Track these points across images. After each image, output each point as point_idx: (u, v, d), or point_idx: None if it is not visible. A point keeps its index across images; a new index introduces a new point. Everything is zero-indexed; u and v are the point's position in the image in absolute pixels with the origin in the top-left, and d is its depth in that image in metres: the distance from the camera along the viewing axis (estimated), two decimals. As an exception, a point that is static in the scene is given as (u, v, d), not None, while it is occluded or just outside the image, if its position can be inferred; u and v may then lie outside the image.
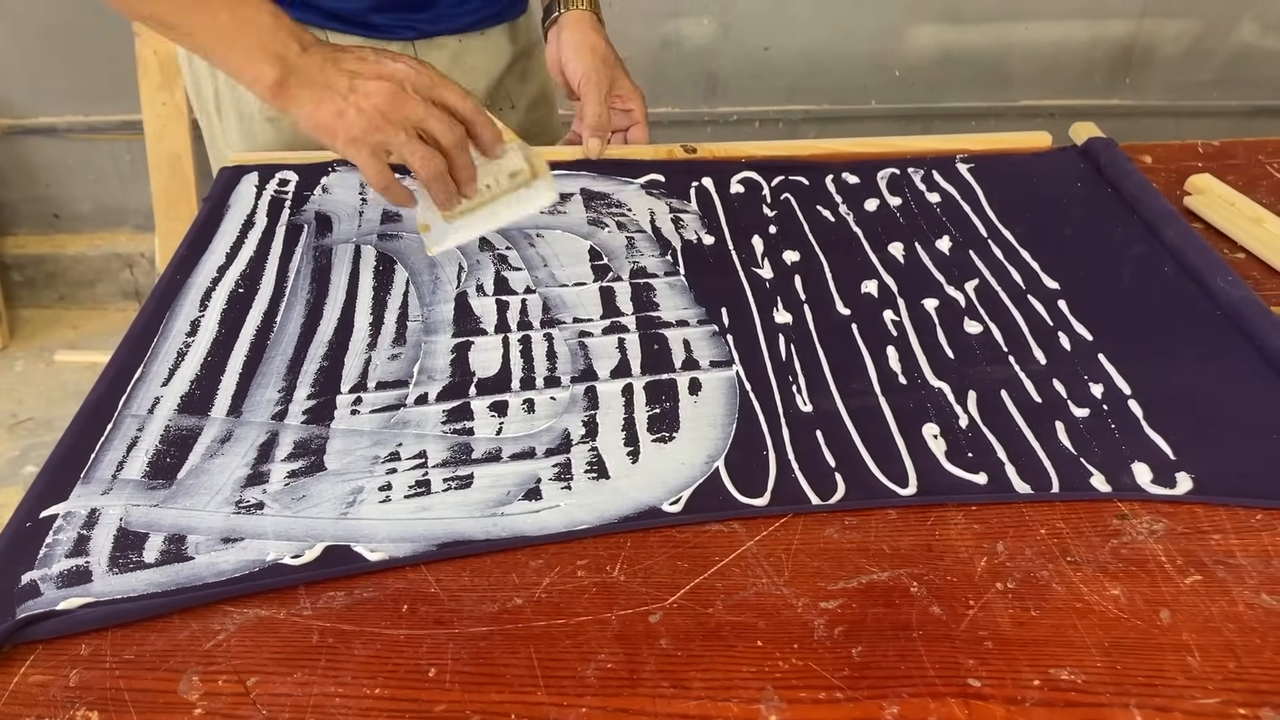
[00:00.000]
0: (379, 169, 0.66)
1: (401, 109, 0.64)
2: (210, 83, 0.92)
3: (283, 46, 0.66)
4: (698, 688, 0.45)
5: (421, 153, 0.65)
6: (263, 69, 0.65)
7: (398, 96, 0.64)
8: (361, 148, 0.65)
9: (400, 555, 0.52)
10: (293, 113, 0.66)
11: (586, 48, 0.89)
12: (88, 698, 0.45)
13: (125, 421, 0.61)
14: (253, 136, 0.93)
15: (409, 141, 0.64)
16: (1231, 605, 0.49)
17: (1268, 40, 1.93)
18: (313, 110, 0.65)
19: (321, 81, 0.65)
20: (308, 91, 0.65)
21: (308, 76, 0.65)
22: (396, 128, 0.64)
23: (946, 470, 0.56)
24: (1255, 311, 0.66)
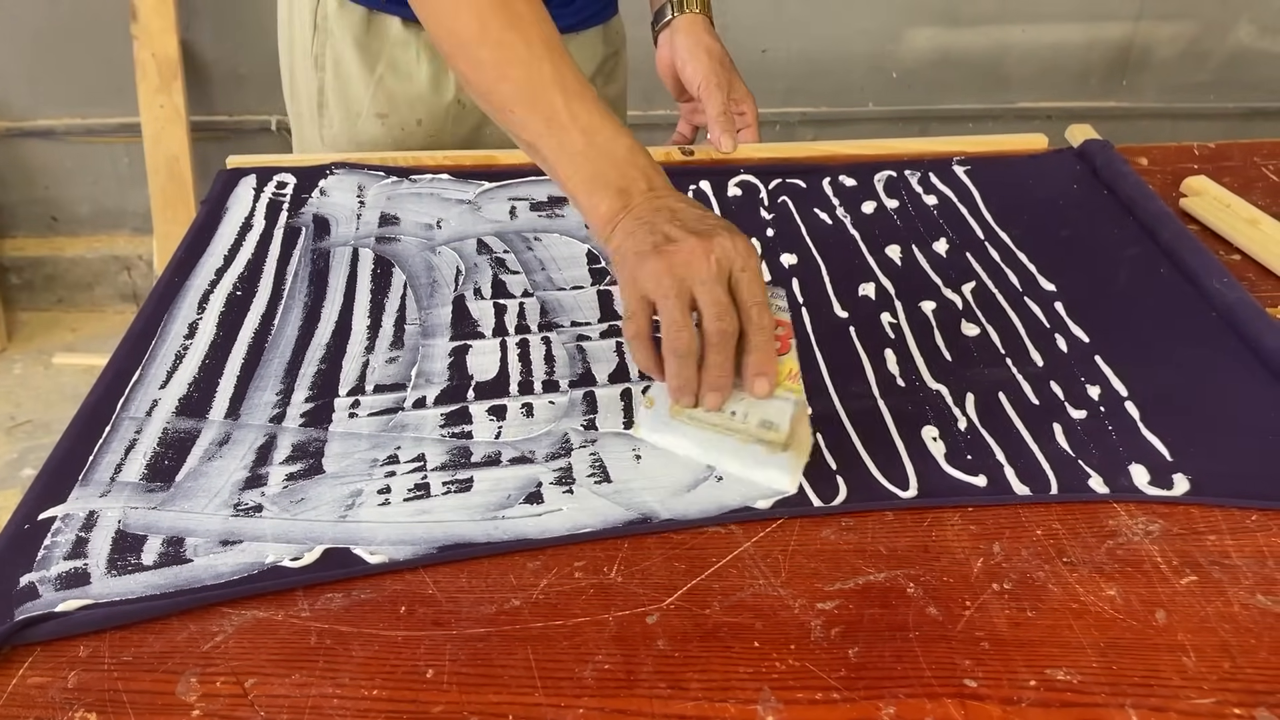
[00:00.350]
0: (637, 314, 0.57)
1: (693, 268, 0.55)
2: (313, 80, 0.93)
3: (629, 182, 0.61)
4: (695, 688, 0.45)
5: (677, 317, 0.55)
6: (601, 200, 0.61)
7: (697, 255, 0.55)
8: (634, 290, 0.57)
9: (400, 558, 0.52)
10: (608, 245, 0.61)
11: (703, 50, 0.90)
12: (86, 699, 0.45)
13: (123, 424, 0.61)
14: (357, 134, 0.93)
15: (674, 300, 0.55)
16: (1227, 606, 0.49)
17: (1264, 42, 1.93)
18: (623, 240, 0.59)
19: (648, 220, 0.59)
20: (629, 224, 0.59)
21: (639, 214, 0.59)
22: (673, 282, 0.55)
23: (946, 472, 0.56)
24: (1251, 313, 0.67)
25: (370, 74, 0.91)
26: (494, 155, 0.91)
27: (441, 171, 0.88)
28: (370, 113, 0.92)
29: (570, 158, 0.62)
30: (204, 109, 2.00)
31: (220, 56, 1.95)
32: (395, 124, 0.93)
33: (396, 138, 0.94)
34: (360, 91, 0.92)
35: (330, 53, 0.91)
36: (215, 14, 1.91)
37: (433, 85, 0.91)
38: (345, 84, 0.92)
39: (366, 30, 0.90)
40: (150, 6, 1.86)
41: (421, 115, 0.93)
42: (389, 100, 0.92)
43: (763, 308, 0.56)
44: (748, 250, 0.57)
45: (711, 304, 0.55)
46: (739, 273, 0.56)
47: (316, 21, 0.91)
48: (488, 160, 0.91)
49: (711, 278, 0.55)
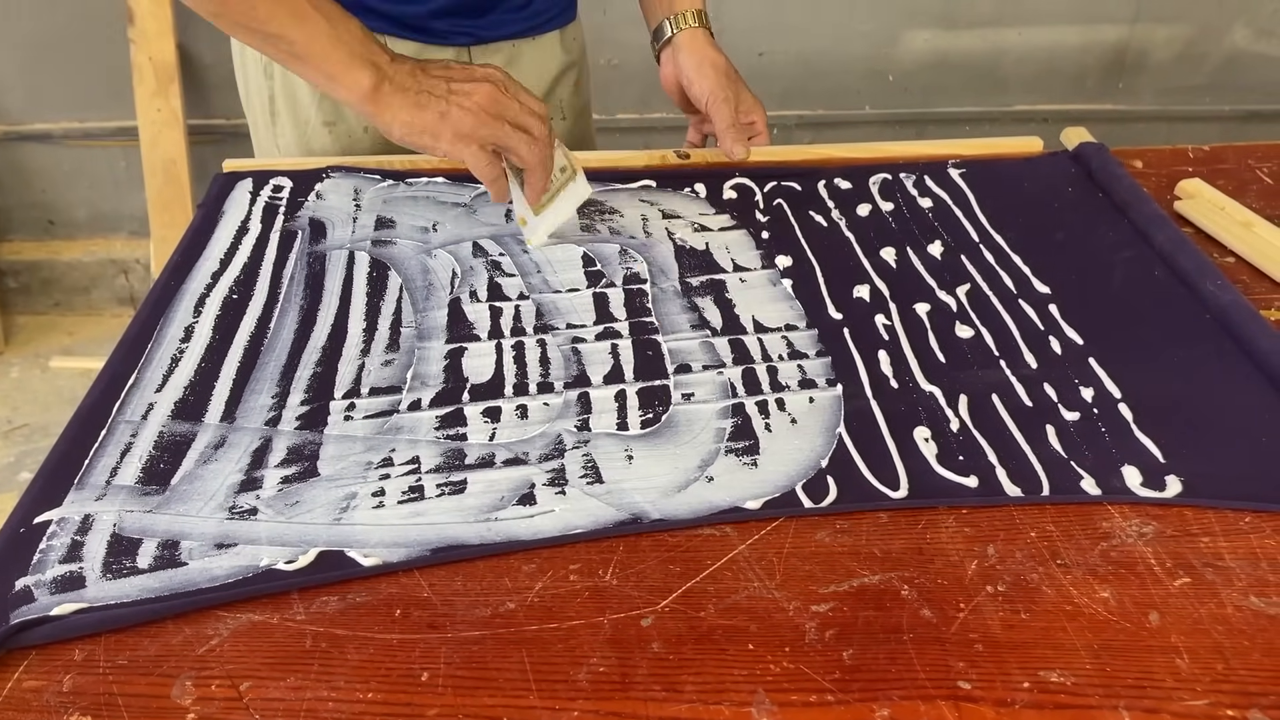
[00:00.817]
0: (489, 161, 0.72)
1: (502, 106, 0.70)
2: (265, 89, 0.93)
3: (375, 55, 0.70)
4: (689, 691, 0.45)
5: (528, 142, 0.71)
6: (359, 75, 0.69)
7: (497, 96, 0.70)
8: (470, 143, 0.70)
9: (394, 560, 0.52)
10: (386, 118, 0.70)
11: (708, 65, 0.91)
12: (81, 703, 0.46)
13: (119, 427, 0.61)
14: (308, 142, 0.94)
15: (515, 133, 0.71)
16: (1220, 607, 0.49)
17: (1259, 45, 1.94)
18: (412, 114, 0.70)
19: (416, 87, 0.70)
20: (403, 97, 0.70)
21: (400, 83, 0.70)
22: (501, 122, 0.70)
23: (937, 473, 0.57)
24: (1244, 315, 0.67)
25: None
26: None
27: (437, 175, 0.88)
28: (318, 121, 0.93)
29: (323, 41, 0.70)
30: (201, 112, 2.00)
31: (217, 60, 1.95)
32: (343, 132, 0.93)
33: (344, 145, 0.94)
34: (306, 100, 0.92)
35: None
36: (212, 17, 1.91)
37: None
38: (293, 93, 0.92)
39: None
40: (147, 10, 1.86)
41: (368, 123, 0.92)
42: (335, 108, 0.92)
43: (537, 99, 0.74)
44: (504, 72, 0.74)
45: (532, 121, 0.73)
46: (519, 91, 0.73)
47: None
48: (484, 163, 0.91)
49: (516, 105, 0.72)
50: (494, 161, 0.73)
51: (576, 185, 0.79)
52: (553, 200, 0.78)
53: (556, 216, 0.79)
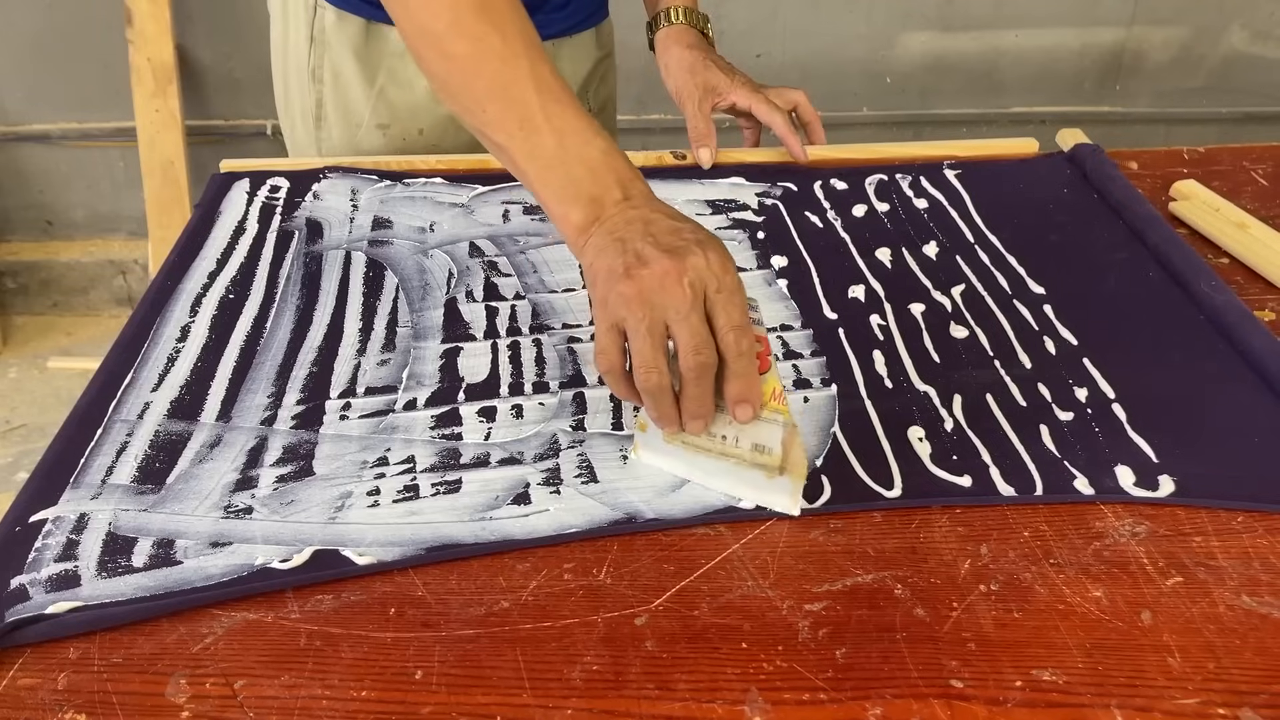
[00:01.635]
0: (609, 346, 0.54)
1: (662, 294, 0.52)
2: (311, 93, 0.93)
3: (603, 190, 0.57)
4: (683, 689, 0.46)
5: (647, 355, 0.52)
6: (571, 209, 0.57)
7: (667, 281, 0.52)
8: (604, 317, 0.54)
9: (389, 559, 0.52)
10: (581, 259, 0.57)
11: (674, 64, 0.92)
12: (76, 700, 0.46)
13: (115, 427, 0.61)
14: (358, 144, 0.94)
15: (645, 334, 0.52)
16: (1212, 607, 0.49)
17: (1256, 47, 1.94)
18: (594, 257, 0.55)
19: (619, 235, 0.55)
20: (602, 240, 0.55)
21: (611, 227, 0.56)
22: (645, 312, 0.52)
23: (931, 473, 0.57)
24: (1238, 316, 0.67)
25: (370, 85, 0.91)
26: (487, 159, 0.91)
27: (435, 175, 0.89)
28: (371, 124, 0.93)
29: (542, 162, 0.58)
30: (199, 113, 2.00)
31: (215, 61, 1.95)
32: (397, 134, 0.93)
33: (398, 148, 0.94)
34: (360, 103, 0.92)
35: (329, 65, 0.91)
36: (210, 19, 1.91)
37: (432, 94, 0.92)
38: (345, 96, 0.92)
39: (366, 42, 0.90)
40: (145, 11, 1.86)
41: (424, 125, 0.93)
42: (390, 111, 0.92)
43: (741, 332, 0.52)
44: (723, 266, 0.53)
45: (688, 337, 0.52)
46: (714, 294, 0.52)
47: (313, 35, 0.91)
48: (481, 164, 0.91)
49: (686, 306, 0.52)
50: (610, 347, 0.54)
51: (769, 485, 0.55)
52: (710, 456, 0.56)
53: (702, 476, 0.57)
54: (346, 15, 0.89)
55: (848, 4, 1.90)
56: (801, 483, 0.54)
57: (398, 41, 0.90)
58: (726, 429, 0.55)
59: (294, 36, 0.93)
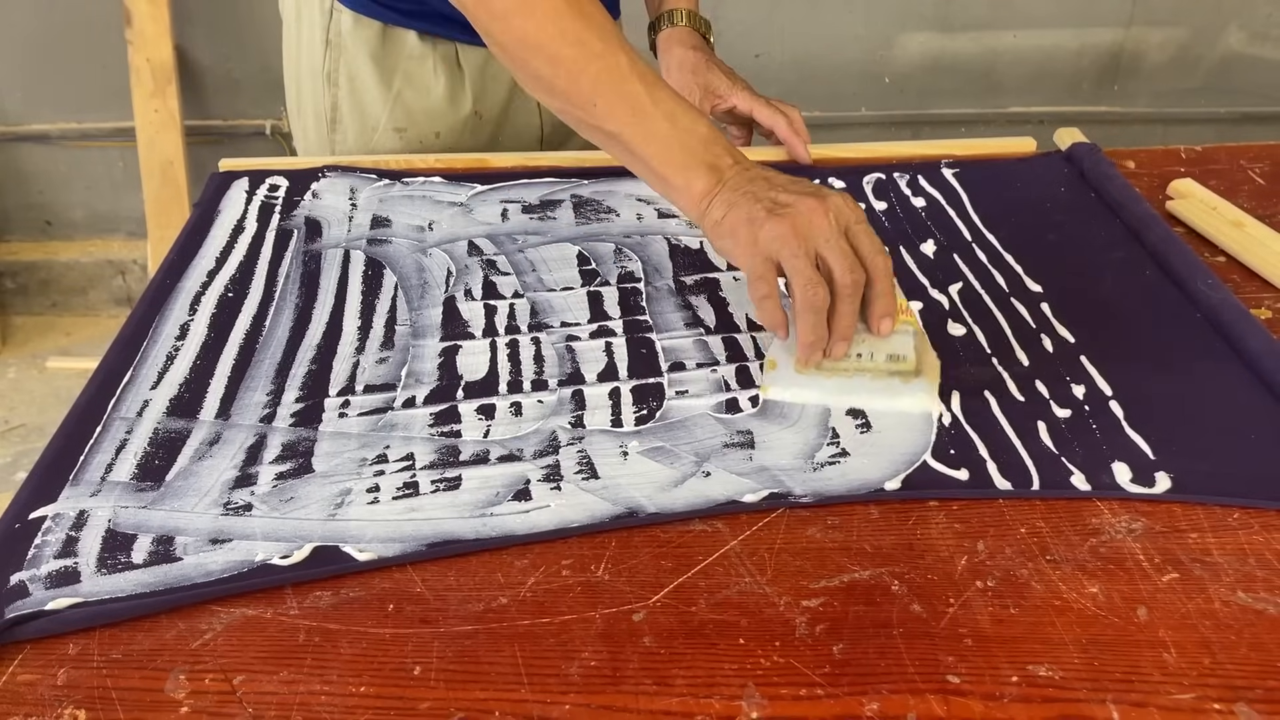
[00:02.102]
0: (764, 276, 0.60)
1: (814, 227, 0.59)
2: (326, 97, 0.93)
3: (717, 158, 0.64)
4: (680, 685, 0.46)
5: (808, 274, 0.59)
6: (693, 179, 0.63)
7: (815, 216, 0.59)
8: (757, 252, 0.60)
9: (389, 555, 0.52)
10: (707, 219, 0.63)
11: (675, 64, 0.94)
12: (75, 696, 0.46)
13: (114, 424, 0.61)
14: (373, 147, 0.94)
15: (803, 259, 0.59)
16: (1208, 603, 0.49)
17: (1253, 48, 1.95)
18: (724, 213, 0.61)
19: (745, 190, 0.62)
20: (728, 195, 0.62)
21: (734, 185, 0.62)
22: (800, 242, 0.59)
23: (929, 466, 0.57)
24: (1235, 314, 0.67)
25: (387, 89, 0.91)
26: (486, 158, 0.92)
27: (433, 174, 0.89)
28: (387, 127, 0.93)
29: (660, 142, 0.64)
30: (198, 113, 2.00)
31: (214, 61, 1.96)
32: (414, 137, 0.94)
33: (414, 150, 0.94)
34: (377, 106, 0.92)
35: (345, 69, 0.92)
36: (209, 19, 1.91)
37: (449, 98, 0.92)
38: (361, 99, 0.92)
39: (382, 45, 0.91)
40: (144, 12, 1.86)
41: (440, 128, 0.94)
42: (407, 114, 0.92)
43: (884, 255, 0.60)
44: (855, 205, 0.61)
45: (841, 257, 0.59)
46: (854, 225, 0.60)
47: (329, 38, 0.91)
48: (480, 163, 0.91)
49: (835, 234, 0.59)
50: (767, 274, 0.60)
51: (906, 389, 0.60)
52: (847, 376, 0.61)
53: (838, 397, 0.61)
54: (363, 19, 0.90)
55: (846, 4, 1.90)
56: (937, 381, 0.61)
57: (415, 45, 0.90)
58: (861, 347, 0.61)
59: (308, 39, 0.93)
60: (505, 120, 0.97)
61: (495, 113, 0.95)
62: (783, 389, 0.62)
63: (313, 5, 0.91)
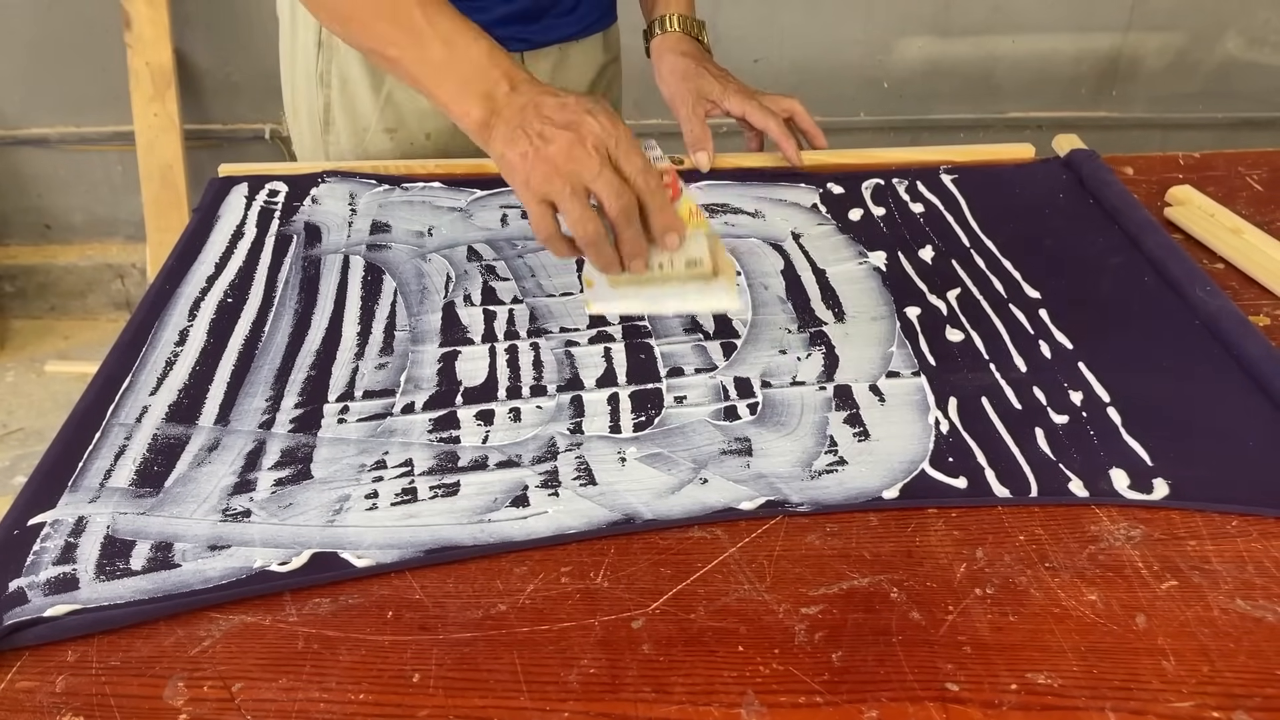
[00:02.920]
0: (541, 218, 0.62)
1: (573, 163, 0.60)
2: (319, 98, 0.94)
3: (493, 85, 0.64)
4: (679, 692, 0.46)
5: (579, 213, 0.60)
6: (470, 106, 0.64)
7: (574, 149, 0.60)
8: (531, 195, 0.62)
9: (387, 561, 0.52)
10: (492, 151, 0.65)
11: (668, 70, 0.94)
12: (74, 703, 0.46)
13: (113, 430, 0.61)
14: (365, 149, 0.95)
15: (570, 198, 0.60)
16: (1206, 610, 0.49)
17: (1251, 53, 1.95)
18: (504, 149, 0.63)
19: (518, 122, 0.63)
20: (504, 130, 0.63)
21: (508, 117, 0.63)
22: (564, 181, 0.60)
23: (927, 474, 0.57)
24: (1233, 321, 0.67)
25: (378, 90, 0.92)
26: (485, 163, 0.92)
27: (433, 180, 0.89)
28: (378, 128, 0.93)
29: (435, 68, 0.65)
30: (197, 117, 2.00)
31: (214, 65, 1.96)
32: (404, 139, 0.94)
33: (405, 151, 0.94)
34: (368, 108, 0.92)
35: (336, 70, 0.92)
36: (209, 23, 1.91)
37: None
38: (352, 101, 0.93)
39: None
40: (144, 16, 1.86)
41: (430, 129, 0.94)
42: (397, 115, 0.93)
43: (647, 173, 0.61)
44: (614, 122, 0.62)
45: (605, 188, 0.60)
46: (614, 150, 0.61)
47: (321, 39, 0.91)
48: (479, 169, 0.91)
49: (596, 165, 0.60)
50: (545, 215, 0.62)
51: (708, 289, 0.63)
52: (653, 285, 0.64)
53: (649, 305, 0.65)
54: None
55: (845, 9, 1.90)
56: (734, 278, 0.64)
57: None
58: (660, 257, 0.63)
59: (302, 41, 0.93)
60: None
61: None
62: (603, 303, 0.65)
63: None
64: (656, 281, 0.63)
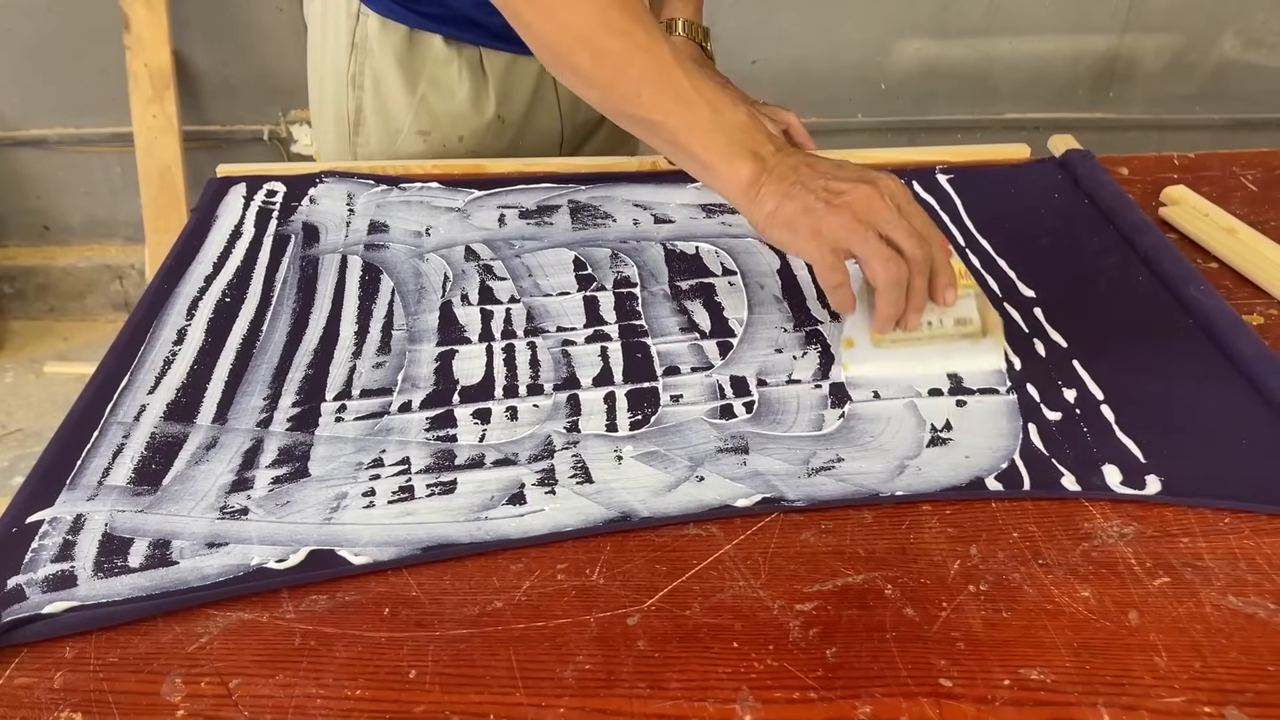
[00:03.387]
0: (834, 266, 0.63)
1: (872, 212, 0.62)
2: (351, 100, 0.94)
3: (759, 145, 0.65)
4: (674, 688, 0.46)
5: (886, 254, 0.61)
6: (739, 165, 0.65)
7: (872, 200, 0.62)
8: (824, 243, 0.62)
9: (384, 559, 0.52)
10: (755, 210, 0.65)
11: None
12: (72, 699, 0.46)
13: (111, 429, 0.62)
14: (397, 150, 0.95)
15: (875, 242, 0.61)
16: (1199, 607, 0.49)
17: (1248, 55, 1.95)
18: (778, 203, 0.63)
19: (793, 179, 0.64)
20: (777, 187, 0.64)
21: (780, 174, 0.64)
22: (865, 228, 0.61)
23: (922, 471, 0.57)
24: (1226, 320, 0.67)
25: (412, 92, 0.92)
26: (483, 164, 0.92)
27: (431, 180, 0.89)
28: (411, 130, 0.94)
29: (703, 131, 0.65)
30: (196, 119, 2.01)
31: (212, 67, 1.96)
32: (437, 141, 0.95)
33: (438, 153, 0.95)
34: (401, 110, 0.93)
35: (370, 72, 0.92)
36: (207, 25, 1.92)
37: (473, 102, 0.93)
38: (386, 102, 0.93)
39: (408, 49, 0.91)
40: (143, 17, 1.87)
41: (463, 132, 0.95)
42: (431, 118, 0.93)
43: (935, 230, 0.64)
44: (902, 185, 0.64)
45: (907, 235, 0.62)
46: (906, 205, 0.63)
47: (355, 41, 0.92)
48: (477, 169, 0.91)
49: (895, 215, 0.62)
50: (838, 264, 0.63)
51: (976, 349, 0.65)
52: (921, 344, 0.65)
53: (915, 365, 0.65)
54: (390, 23, 0.90)
55: (843, 11, 1.91)
56: (1001, 335, 0.65)
57: (440, 49, 0.91)
58: (930, 316, 0.64)
59: (332, 43, 0.94)
60: (527, 124, 0.98)
61: (517, 117, 0.97)
62: (863, 364, 0.65)
63: (339, 9, 0.92)
64: (924, 340, 0.64)
